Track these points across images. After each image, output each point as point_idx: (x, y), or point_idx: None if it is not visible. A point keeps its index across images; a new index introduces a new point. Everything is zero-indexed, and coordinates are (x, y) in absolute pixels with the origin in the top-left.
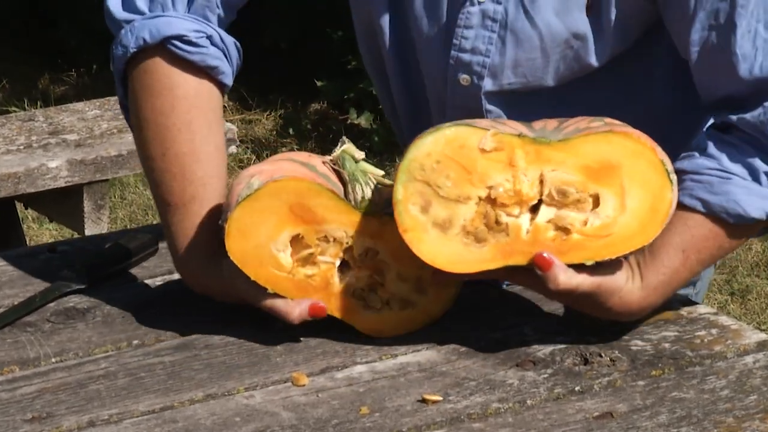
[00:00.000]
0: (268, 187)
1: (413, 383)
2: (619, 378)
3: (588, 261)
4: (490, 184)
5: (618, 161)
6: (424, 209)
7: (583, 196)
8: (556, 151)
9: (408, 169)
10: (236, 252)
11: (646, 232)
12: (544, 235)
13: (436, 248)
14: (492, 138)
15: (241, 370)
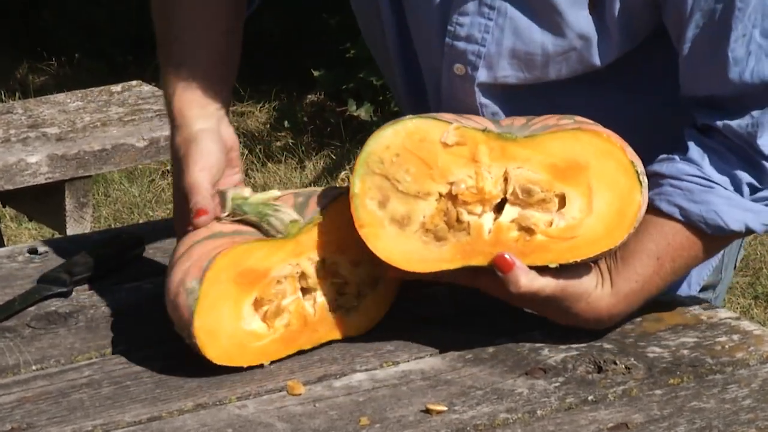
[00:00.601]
0: (207, 280)
1: (416, 392)
2: (634, 387)
3: (551, 263)
4: (451, 179)
5: (586, 160)
6: (382, 204)
7: (549, 196)
8: (522, 148)
9: (366, 162)
10: (219, 355)
11: (613, 235)
12: (507, 236)
13: (392, 245)
14: (454, 132)
15: (234, 378)
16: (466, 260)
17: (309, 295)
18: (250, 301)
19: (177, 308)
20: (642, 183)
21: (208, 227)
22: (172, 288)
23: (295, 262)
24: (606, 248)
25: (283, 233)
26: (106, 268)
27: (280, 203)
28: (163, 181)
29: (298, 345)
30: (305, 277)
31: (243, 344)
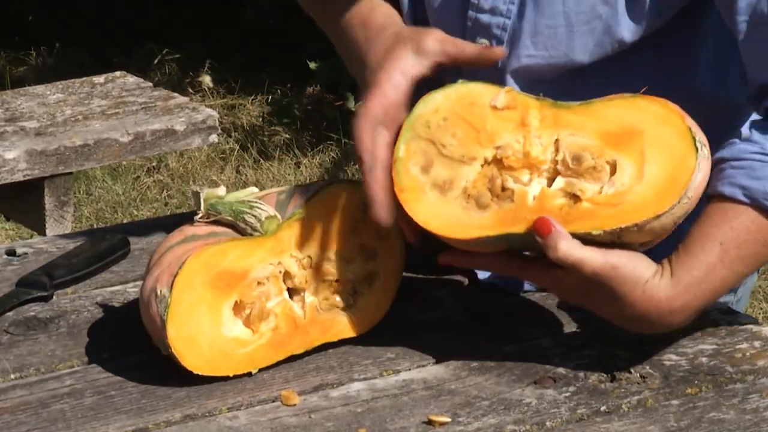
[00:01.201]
0: (178, 286)
1: (418, 402)
2: (650, 397)
3: (595, 230)
4: (498, 144)
5: (641, 126)
6: (425, 169)
7: (600, 163)
8: (576, 115)
9: (413, 125)
10: (200, 365)
11: (662, 201)
12: (552, 203)
13: (431, 210)
14: (505, 95)
15: (224, 388)
16: (507, 227)
17: (297, 296)
18: (230, 305)
19: (150, 319)
20: (698, 149)
21: (183, 231)
22: (144, 298)
23: (276, 261)
24: (653, 213)
25: (261, 231)
26: (88, 271)
27: (258, 200)
28: (148, 179)
29: (288, 350)
30: (290, 277)
31: (226, 352)
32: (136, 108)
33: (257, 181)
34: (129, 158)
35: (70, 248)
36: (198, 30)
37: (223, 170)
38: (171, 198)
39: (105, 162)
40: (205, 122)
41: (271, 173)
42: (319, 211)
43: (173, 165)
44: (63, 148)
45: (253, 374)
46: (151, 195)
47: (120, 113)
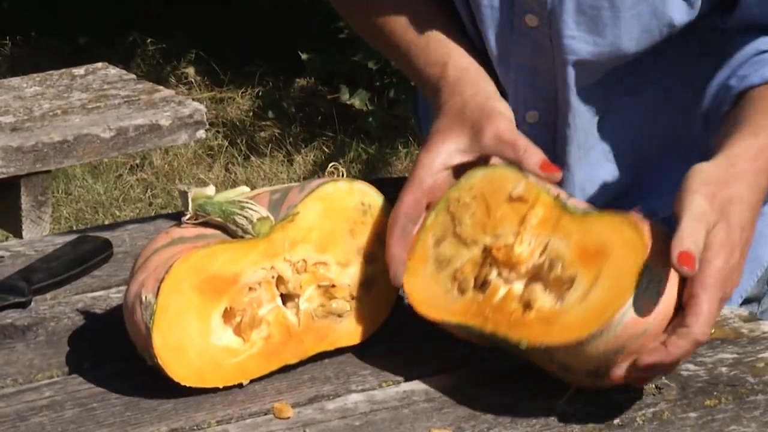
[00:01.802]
0: (164, 291)
1: (419, 415)
2: (666, 409)
3: (522, 343)
4: (498, 233)
5: (611, 248)
6: (438, 242)
7: (564, 276)
8: (572, 223)
9: (448, 198)
10: (188, 375)
11: (583, 328)
12: (509, 305)
13: (420, 284)
14: (524, 185)
15: (213, 400)
16: (467, 318)
17: (291, 302)
18: (219, 312)
19: (134, 326)
20: (640, 286)
21: (169, 233)
22: (128, 304)
23: (269, 265)
24: (572, 339)
25: (252, 233)
26: (69, 275)
27: (250, 200)
28: (131, 177)
29: (282, 359)
30: (283, 282)
31: (216, 362)
32: (119, 101)
33: (247, 180)
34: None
35: (48, 251)
36: (184, 18)
37: (211, 168)
38: (156, 198)
39: (85, 159)
40: (192, 117)
41: (262, 171)
42: (315, 212)
43: (158, 162)
44: (40, 144)
45: (244, 385)
46: (135, 195)
47: (101, 107)
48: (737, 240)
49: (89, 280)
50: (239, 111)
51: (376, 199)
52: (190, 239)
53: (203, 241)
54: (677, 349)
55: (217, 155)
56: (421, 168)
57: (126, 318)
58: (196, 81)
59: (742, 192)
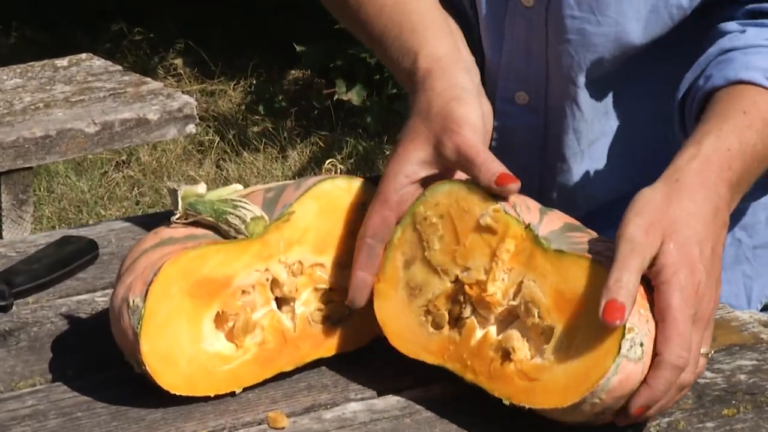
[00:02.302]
0: (152, 295)
1: (422, 425)
2: (682, 419)
3: (506, 400)
4: (469, 265)
5: (588, 300)
6: (407, 264)
7: (542, 325)
8: (547, 262)
9: (414, 213)
10: (178, 383)
11: (566, 394)
12: (487, 353)
13: (393, 312)
14: (492, 215)
15: (204, 409)
16: (445, 360)
17: (286, 306)
18: (211, 317)
19: (121, 332)
20: (621, 350)
21: (158, 233)
22: (114, 309)
23: (263, 267)
24: (555, 405)
25: (246, 233)
26: (52, 278)
27: (243, 199)
28: (117, 174)
29: (277, 367)
30: (278, 285)
31: (207, 369)
32: (104, 94)
33: (240, 177)
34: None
35: (30, 252)
36: (173, 7)
37: (201, 164)
38: (143, 196)
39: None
40: (181, 110)
41: (255, 167)
42: (311, 211)
43: (145, 159)
44: (21, 139)
45: (237, 394)
46: (121, 193)
47: (85, 100)
48: (696, 256)
49: (73, 283)
50: (231, 104)
51: None
52: (179, 240)
53: (194, 242)
54: (659, 381)
55: (208, 151)
56: (386, 182)
57: (112, 323)
58: (186, 73)
59: (689, 207)
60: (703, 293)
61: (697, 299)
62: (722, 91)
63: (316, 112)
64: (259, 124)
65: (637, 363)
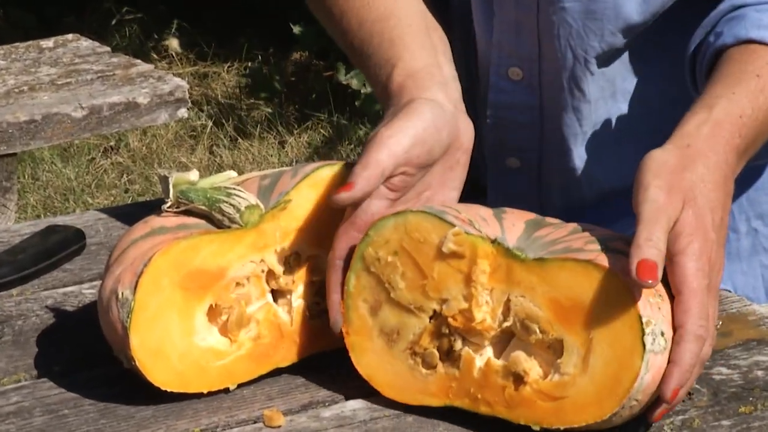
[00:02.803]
0: (142, 287)
1: (425, 424)
2: (697, 417)
3: (535, 426)
4: (444, 296)
5: (591, 304)
6: (374, 310)
7: (547, 340)
8: (529, 273)
9: (363, 256)
10: (169, 380)
11: (602, 405)
12: (496, 380)
13: (376, 363)
14: (453, 239)
15: (197, 406)
16: (451, 398)
17: (283, 299)
18: (204, 310)
19: (110, 326)
20: (646, 346)
21: (148, 222)
22: (103, 301)
23: (258, 258)
24: (593, 419)
25: (240, 223)
26: (37, 269)
27: (237, 187)
28: (105, 161)
29: (273, 362)
30: (274, 277)
31: (200, 365)
32: (92, 77)
33: (234, 164)
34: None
35: (15, 242)
36: None
37: (194, 151)
38: (132, 184)
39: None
40: (172, 94)
41: (250, 154)
42: (309, 199)
43: (135, 145)
44: (5, 124)
45: (231, 391)
46: (109, 180)
47: (72, 83)
48: (709, 222)
49: (60, 275)
50: (225, 88)
51: None
52: (171, 229)
53: (185, 232)
54: (685, 355)
55: (201, 137)
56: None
57: (100, 316)
58: (178, 54)
59: (702, 173)
60: (714, 261)
61: (709, 268)
62: (733, 49)
63: (315, 96)
64: (256, 108)
65: (664, 354)
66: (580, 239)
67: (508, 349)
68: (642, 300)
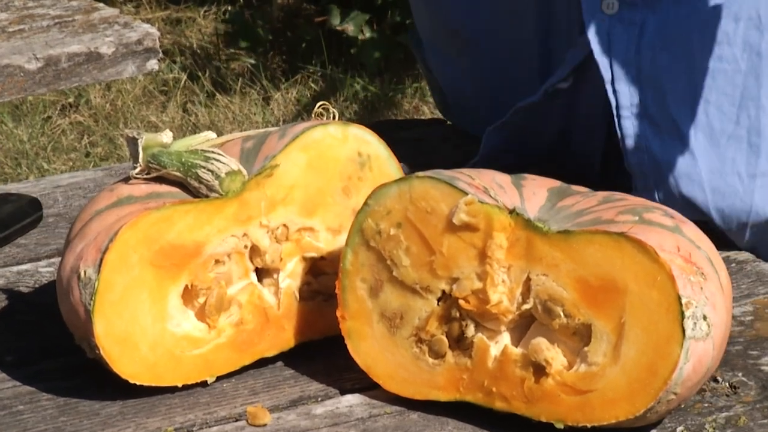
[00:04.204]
0: (108, 265)
1: (432, 422)
2: (743, 413)
3: (558, 424)
4: (455, 274)
5: (624, 283)
6: (374, 292)
7: (573, 324)
8: (552, 248)
9: (361, 229)
10: (139, 371)
11: (635, 400)
12: (513, 371)
13: (376, 352)
14: (465, 209)
15: (170, 401)
16: (461, 393)
17: (269, 279)
18: (178, 292)
19: (71, 309)
20: (686, 331)
21: (114, 190)
22: (63, 281)
23: (240, 232)
24: (625, 416)
25: (219, 191)
26: None
27: (216, 150)
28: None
29: (257, 352)
30: (259, 254)
31: (174, 354)
32: (48, 23)
33: (212, 124)
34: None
35: None
36: None
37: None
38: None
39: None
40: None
41: (230, 112)
42: (299, 164)
43: (97, 101)
44: None
45: (210, 384)
46: (68, 142)
47: (25, 31)
48: None
49: (13, 250)
50: (201, 36)
51: (376, 148)
52: (140, 199)
53: (157, 201)
54: None
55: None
56: None
57: (60, 299)
58: None
59: None
60: None
61: None
62: None
63: (304, 46)
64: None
65: (707, 340)
66: (611, 209)
67: (527, 335)
68: (682, 278)
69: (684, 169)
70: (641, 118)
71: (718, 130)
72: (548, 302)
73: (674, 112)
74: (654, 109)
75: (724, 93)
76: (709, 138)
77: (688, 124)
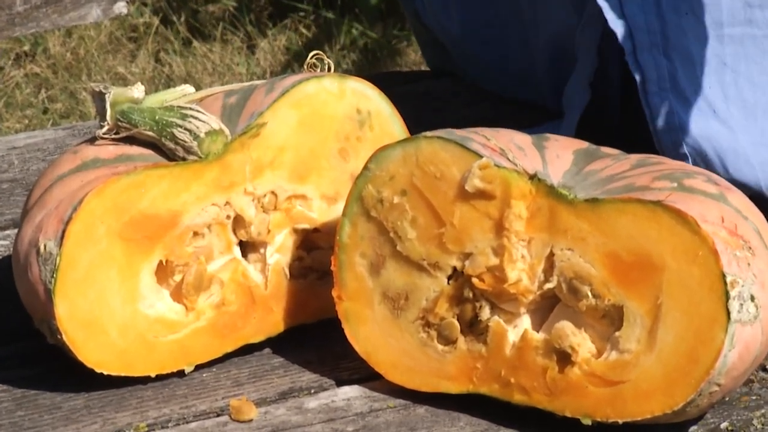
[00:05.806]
0: (72, 238)
1: (441, 418)
2: None
3: (585, 420)
4: (468, 249)
5: (661, 259)
6: (375, 268)
7: (602, 306)
8: (579, 219)
9: (361, 197)
10: (105, 359)
11: (673, 392)
12: (535, 360)
13: (376, 337)
14: (480, 173)
15: (142, 394)
16: (474, 384)
17: (255, 254)
18: (152, 269)
19: (29, 288)
20: (731, 314)
21: (77, 153)
22: (20, 256)
23: (222, 200)
24: (661, 410)
25: (198, 153)
26: None
27: (195, 106)
28: (17, 71)
29: (241, 337)
30: (244, 225)
31: (146, 339)
32: None
33: (189, 76)
34: None
35: None
36: None
37: (135, 58)
38: (53, 102)
39: None
40: None
41: (209, 62)
42: (289, 123)
43: (57, 50)
44: None
45: (188, 374)
46: (23, 97)
47: None
48: None
49: None
50: None
51: (377, 104)
52: (108, 162)
53: (127, 165)
54: None
55: (144, 39)
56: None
57: (16, 276)
58: None
59: None
60: None
61: None
62: None
63: None
64: (216, 1)
65: (754, 324)
66: (646, 174)
67: (550, 318)
68: (726, 253)
69: (726, 145)
70: (671, 92)
71: (751, 103)
72: (574, 281)
73: (705, 84)
74: (685, 82)
75: (754, 62)
76: (743, 111)
77: (720, 98)
